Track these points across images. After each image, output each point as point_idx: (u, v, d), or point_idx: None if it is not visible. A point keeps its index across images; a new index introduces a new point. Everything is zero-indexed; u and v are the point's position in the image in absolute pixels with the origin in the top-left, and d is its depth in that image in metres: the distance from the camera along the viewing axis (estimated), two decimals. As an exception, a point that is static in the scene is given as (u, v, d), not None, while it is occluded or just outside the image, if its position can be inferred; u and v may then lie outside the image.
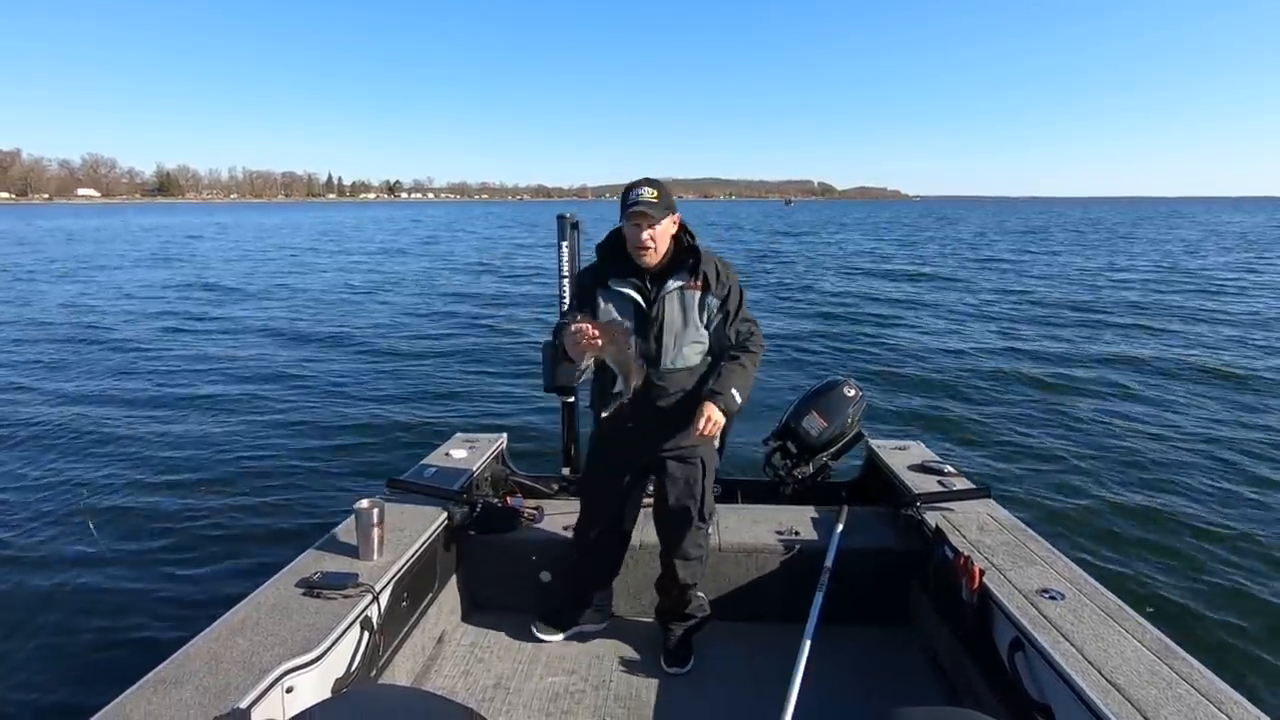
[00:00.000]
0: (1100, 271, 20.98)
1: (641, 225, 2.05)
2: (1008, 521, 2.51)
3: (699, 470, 2.29)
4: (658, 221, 2.06)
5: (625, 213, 2.06)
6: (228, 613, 1.85)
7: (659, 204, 2.04)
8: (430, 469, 2.91)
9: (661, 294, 2.12)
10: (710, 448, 2.33)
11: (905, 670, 2.40)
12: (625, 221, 2.09)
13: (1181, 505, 4.91)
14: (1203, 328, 11.84)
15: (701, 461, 2.29)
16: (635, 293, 2.12)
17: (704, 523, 2.36)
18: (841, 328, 12.06)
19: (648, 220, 2.04)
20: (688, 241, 2.16)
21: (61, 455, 5.77)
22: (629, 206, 2.05)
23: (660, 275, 2.14)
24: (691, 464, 2.28)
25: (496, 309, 13.76)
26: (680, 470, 2.28)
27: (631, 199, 2.05)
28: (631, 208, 2.04)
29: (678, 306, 2.13)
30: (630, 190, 2.08)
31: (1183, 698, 1.53)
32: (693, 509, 2.31)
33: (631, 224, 2.07)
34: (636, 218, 2.04)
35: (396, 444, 6.07)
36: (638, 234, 2.06)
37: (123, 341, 10.62)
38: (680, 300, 2.13)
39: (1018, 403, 7.50)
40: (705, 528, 2.39)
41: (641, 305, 2.12)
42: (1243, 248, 30.52)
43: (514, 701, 2.23)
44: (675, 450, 2.25)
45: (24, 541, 4.31)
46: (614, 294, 2.15)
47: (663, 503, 2.34)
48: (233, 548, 4.23)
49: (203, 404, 7.30)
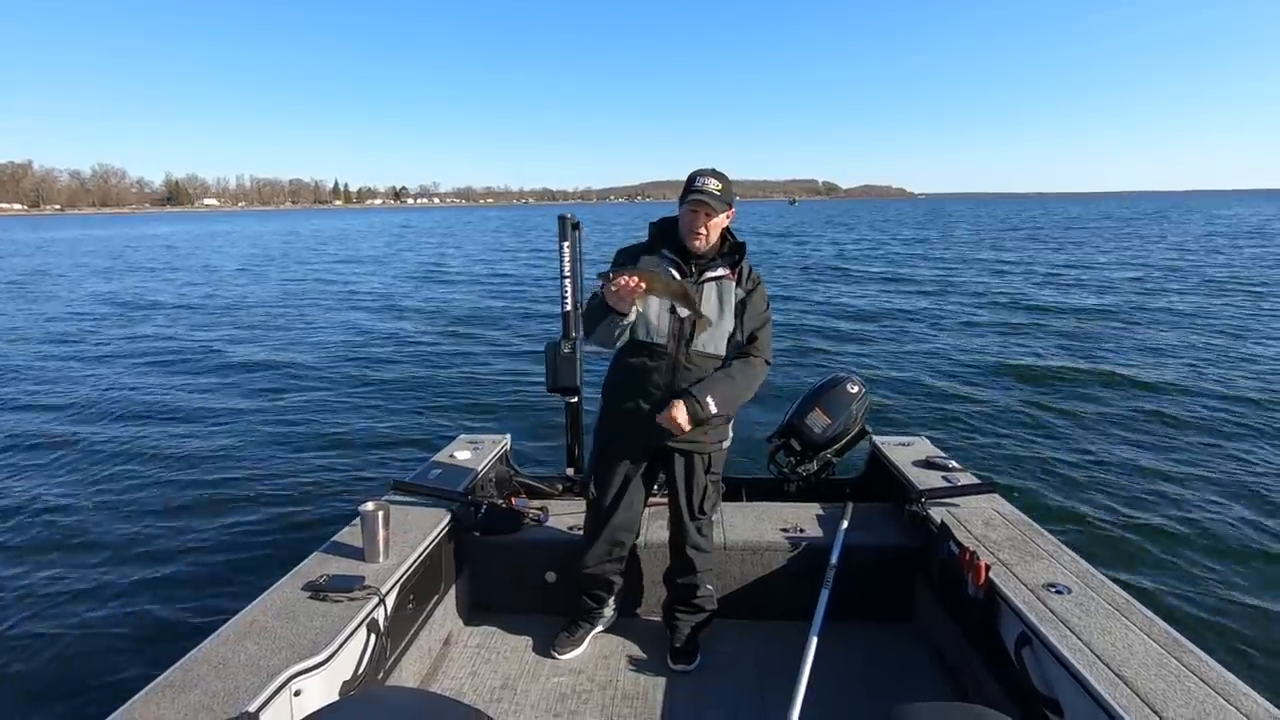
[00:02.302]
0: (1106, 267, 20.91)
1: (699, 212, 2.11)
2: (1013, 516, 2.50)
3: (705, 464, 2.32)
4: (716, 214, 2.12)
5: (687, 198, 2.13)
6: (234, 617, 1.86)
7: (720, 197, 2.11)
8: (435, 471, 2.91)
9: (702, 280, 2.18)
10: (719, 445, 2.35)
11: (912, 666, 2.40)
12: (684, 205, 2.15)
13: (1188, 497, 4.90)
14: (1208, 322, 11.80)
15: (709, 456, 2.32)
16: (677, 274, 2.17)
17: (706, 514, 2.39)
18: (843, 325, 12.04)
19: (706, 209, 2.11)
20: (736, 239, 2.24)
21: (67, 461, 5.79)
22: (692, 193, 2.11)
23: (703, 263, 2.21)
24: (700, 455, 2.30)
25: (498, 311, 13.79)
26: (688, 463, 2.30)
27: (696, 186, 2.11)
28: (694, 195, 2.10)
29: (715, 295, 2.19)
30: (696, 178, 2.14)
31: (1191, 690, 1.52)
32: (696, 500, 2.34)
33: (690, 209, 2.12)
34: (696, 204, 2.10)
35: (401, 446, 6.09)
36: (695, 220, 2.13)
37: (125, 347, 10.66)
38: (718, 290, 2.20)
39: (1021, 397, 7.48)
40: (709, 519, 2.41)
41: None
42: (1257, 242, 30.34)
43: (521, 702, 2.24)
44: (684, 444, 2.26)
45: (29, 547, 4.33)
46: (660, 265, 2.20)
47: (674, 493, 2.36)
48: (239, 552, 4.24)
49: (206, 408, 7.32)
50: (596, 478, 2.42)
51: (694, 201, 2.09)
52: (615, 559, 2.47)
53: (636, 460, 2.33)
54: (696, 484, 2.32)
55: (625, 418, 2.26)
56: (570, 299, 3.01)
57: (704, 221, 2.12)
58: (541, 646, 2.52)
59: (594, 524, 2.43)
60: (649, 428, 2.20)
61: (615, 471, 2.35)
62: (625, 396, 2.25)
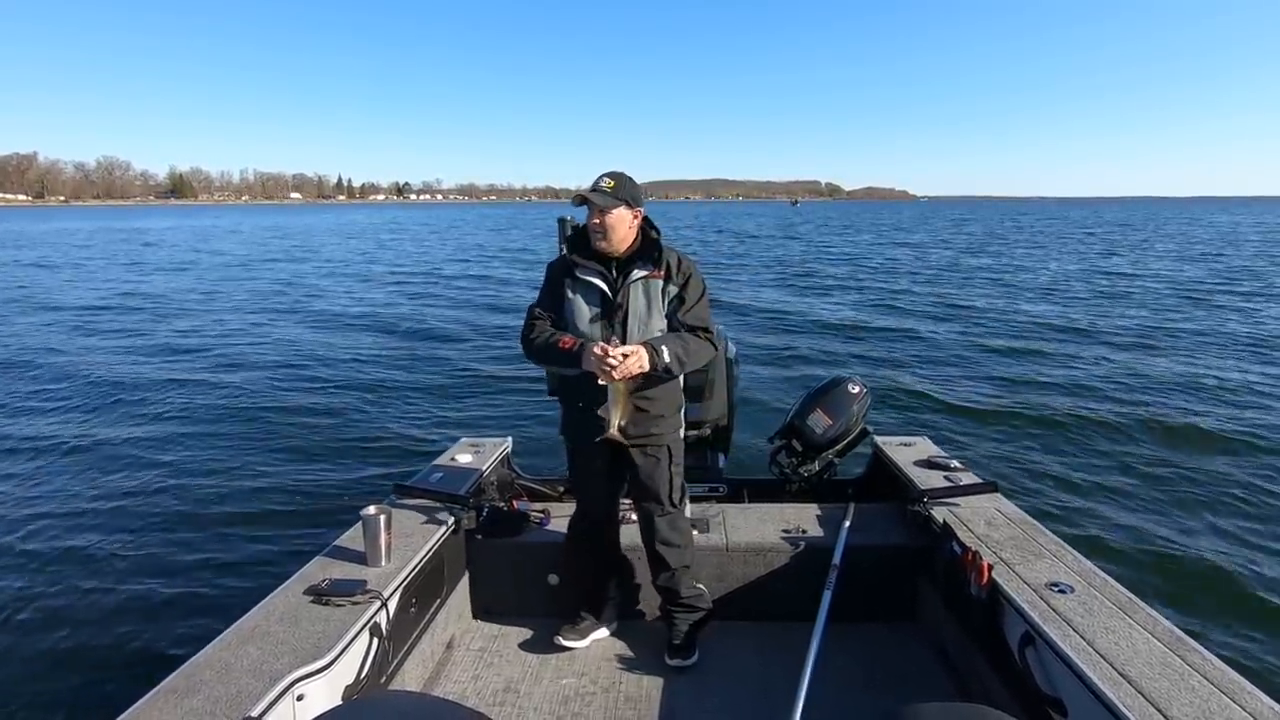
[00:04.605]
0: (1107, 271, 20.92)
1: (593, 212, 2.17)
2: (1016, 516, 2.50)
3: (666, 456, 2.34)
4: (611, 209, 2.16)
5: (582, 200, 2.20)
6: (237, 622, 1.86)
7: (612, 194, 2.15)
8: (436, 474, 2.91)
9: (626, 283, 2.21)
10: (675, 435, 2.38)
11: (915, 666, 2.40)
12: None
13: (1190, 495, 4.89)
14: (1213, 323, 11.80)
15: (668, 449, 2.34)
16: (601, 281, 2.22)
17: (675, 508, 2.41)
18: (843, 326, 12.04)
19: (597, 208, 2.16)
20: (653, 235, 2.28)
21: (67, 466, 5.79)
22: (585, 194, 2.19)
23: (625, 264, 2.24)
24: (656, 449, 2.33)
25: (498, 312, 13.79)
26: (645, 457, 2.33)
27: (589, 186, 2.19)
28: (586, 195, 2.18)
29: (642, 294, 2.22)
30: (595, 181, 2.22)
31: (1195, 689, 1.52)
32: (662, 494, 2.36)
33: (588, 211, 2.20)
34: (588, 204, 2.18)
35: (402, 449, 6.09)
36: (589, 219, 2.20)
37: (126, 351, 10.66)
38: (645, 289, 2.22)
39: (1022, 397, 7.47)
40: (679, 511, 2.43)
41: (607, 293, 2.22)
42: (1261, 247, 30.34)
43: (524, 705, 2.23)
44: (639, 439, 2.28)
45: (32, 552, 4.32)
46: (581, 283, 2.24)
47: (634, 491, 2.41)
48: (241, 557, 4.24)
49: (207, 412, 7.32)
50: (572, 478, 2.55)
51: (586, 202, 2.16)
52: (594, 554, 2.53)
53: (600, 457, 2.36)
54: (661, 477, 2.35)
55: (579, 421, 2.32)
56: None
57: (599, 218, 2.16)
58: (544, 649, 2.52)
59: (574, 520, 2.54)
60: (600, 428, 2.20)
61: (584, 470, 2.44)
62: (574, 399, 2.31)
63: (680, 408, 2.41)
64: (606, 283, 2.22)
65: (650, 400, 2.25)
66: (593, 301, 2.23)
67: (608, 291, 2.21)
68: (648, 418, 2.25)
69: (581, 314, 2.22)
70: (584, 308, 2.22)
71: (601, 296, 2.22)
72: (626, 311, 2.20)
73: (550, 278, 2.33)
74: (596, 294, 2.22)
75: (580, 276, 2.23)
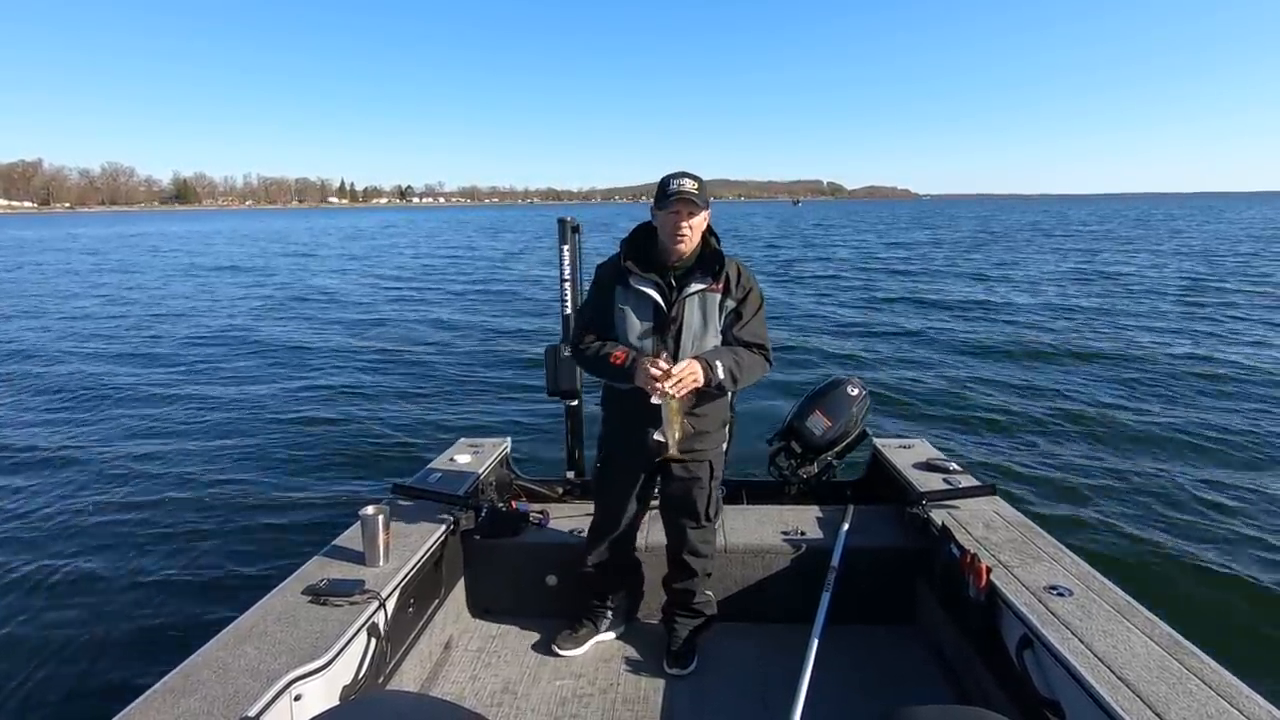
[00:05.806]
0: (1107, 269, 20.92)
1: (682, 213, 2.05)
2: (1014, 518, 2.50)
3: (707, 472, 2.31)
4: (698, 212, 2.07)
5: (665, 201, 2.06)
6: (235, 621, 1.86)
7: (700, 195, 2.04)
8: (435, 474, 2.91)
9: (683, 295, 2.12)
10: (719, 450, 2.35)
11: (913, 669, 2.39)
12: (663, 210, 2.08)
13: (1190, 499, 4.88)
14: (1211, 323, 11.79)
15: (710, 464, 2.31)
16: (655, 292, 2.12)
17: (710, 522, 2.38)
18: (843, 326, 12.04)
19: (688, 209, 2.05)
20: (714, 244, 2.17)
21: (63, 468, 5.78)
22: (669, 195, 2.04)
23: (683, 276, 2.14)
24: (698, 465, 2.29)
25: (498, 313, 13.79)
26: (687, 473, 2.29)
27: (673, 188, 2.04)
28: (673, 196, 2.03)
29: (698, 309, 2.14)
30: (670, 180, 2.07)
31: (1193, 693, 1.52)
32: (699, 509, 2.33)
33: (671, 211, 2.06)
34: (678, 205, 2.04)
35: (401, 449, 6.08)
36: (677, 221, 2.06)
37: (127, 351, 10.66)
38: (701, 303, 2.14)
39: (1022, 399, 7.47)
40: (712, 526, 2.41)
41: (661, 306, 2.12)
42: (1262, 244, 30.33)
43: (522, 706, 2.23)
44: (683, 454, 2.24)
45: (29, 553, 4.32)
46: (634, 293, 2.14)
47: (671, 503, 2.36)
48: (239, 556, 4.23)
49: (206, 413, 7.32)
50: (599, 485, 2.44)
51: (676, 202, 2.03)
52: (615, 562, 2.49)
53: (637, 472, 2.33)
54: (700, 493, 2.31)
55: (623, 435, 2.26)
56: (570, 302, 3.02)
57: (687, 220, 2.06)
58: (542, 650, 2.52)
59: (596, 526, 2.46)
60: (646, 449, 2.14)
61: (617, 482, 2.36)
62: (620, 414, 2.25)
63: (725, 423, 2.35)
64: (661, 295, 2.11)
65: (698, 417, 2.18)
66: (645, 315, 2.13)
67: (661, 304, 2.12)
68: (694, 434, 2.17)
69: (633, 326, 2.13)
70: (635, 321, 2.12)
71: (655, 309, 2.12)
72: (680, 326, 2.11)
73: (599, 283, 2.22)
74: (650, 306, 2.13)
75: (634, 286, 2.13)
